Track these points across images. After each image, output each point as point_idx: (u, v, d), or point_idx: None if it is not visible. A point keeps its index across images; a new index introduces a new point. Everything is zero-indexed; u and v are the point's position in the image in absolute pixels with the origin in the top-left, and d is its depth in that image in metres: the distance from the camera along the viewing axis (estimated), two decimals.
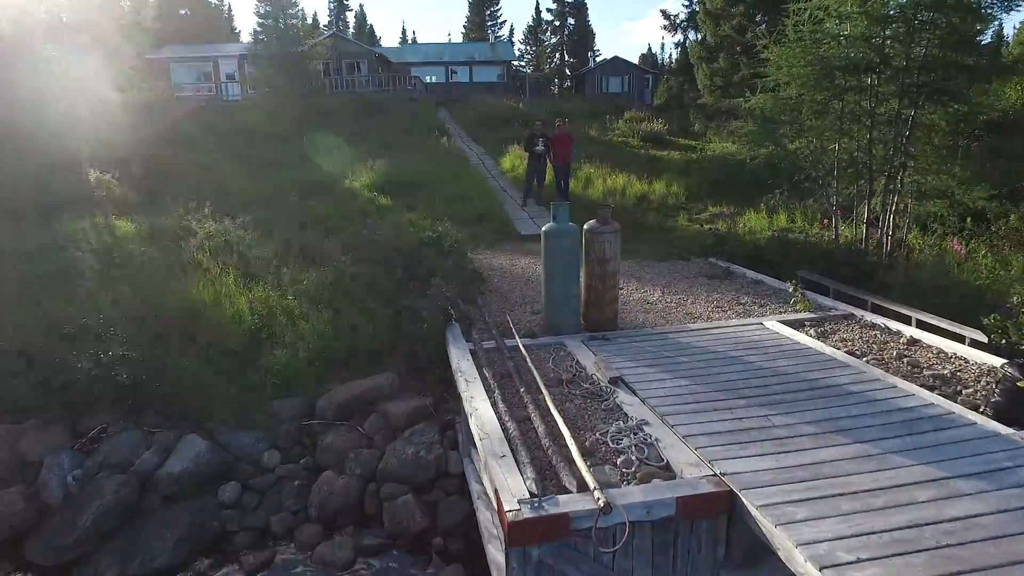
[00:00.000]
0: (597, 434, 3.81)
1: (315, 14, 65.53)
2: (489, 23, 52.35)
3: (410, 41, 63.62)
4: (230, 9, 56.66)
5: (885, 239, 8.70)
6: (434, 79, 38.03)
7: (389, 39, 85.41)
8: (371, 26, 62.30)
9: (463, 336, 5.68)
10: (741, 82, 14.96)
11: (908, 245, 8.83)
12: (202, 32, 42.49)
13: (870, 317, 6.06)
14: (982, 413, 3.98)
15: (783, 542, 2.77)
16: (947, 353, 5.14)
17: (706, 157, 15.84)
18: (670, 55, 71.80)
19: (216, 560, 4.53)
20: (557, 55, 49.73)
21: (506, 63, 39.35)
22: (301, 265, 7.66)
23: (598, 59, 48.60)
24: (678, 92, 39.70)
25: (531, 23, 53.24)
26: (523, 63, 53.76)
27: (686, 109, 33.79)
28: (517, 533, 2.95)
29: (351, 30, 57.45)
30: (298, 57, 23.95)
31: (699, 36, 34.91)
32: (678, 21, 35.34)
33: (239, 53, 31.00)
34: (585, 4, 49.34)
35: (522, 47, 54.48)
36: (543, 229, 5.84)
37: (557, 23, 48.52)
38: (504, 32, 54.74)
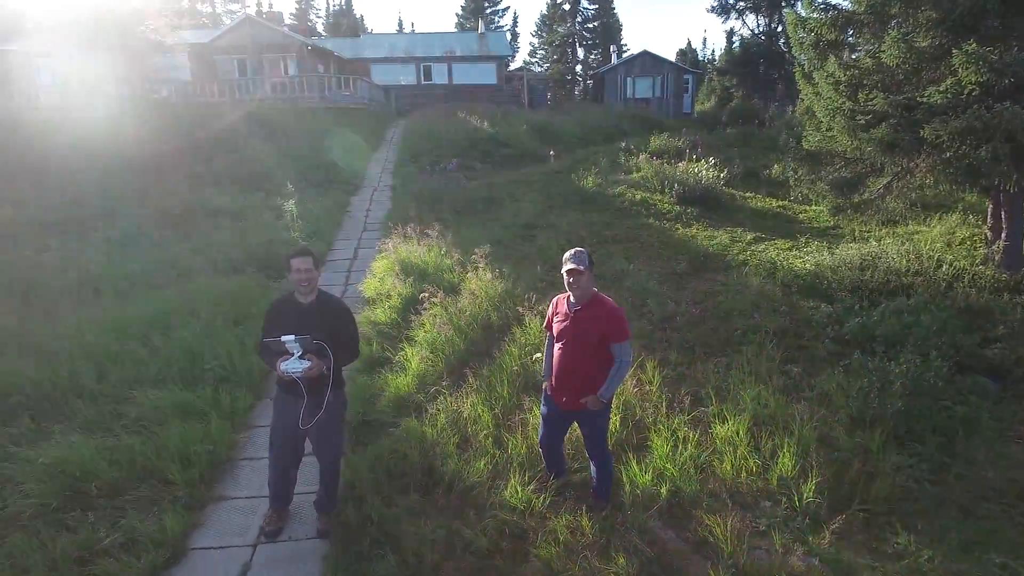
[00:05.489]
0: None
1: None
2: (488, 8, 42.79)
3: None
4: None
5: None
6: (403, 80, 29.26)
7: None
8: (360, 17, 53.62)
9: None
10: (946, 104, 5.66)
11: None
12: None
13: None
14: None
15: None
16: None
17: (851, 280, 6.57)
18: (713, 51, 61.41)
19: None
20: (570, 49, 39.88)
21: (500, 59, 30.24)
22: None
23: (624, 55, 38.94)
24: (725, 97, 30.36)
25: (544, 12, 43.94)
26: (535, 60, 44.55)
27: (736, 119, 24.58)
28: None
29: (326, 20, 48.74)
30: (136, 50, 15.31)
31: (764, 23, 25.36)
32: (731, 2, 25.74)
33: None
34: None
35: (534, 40, 45.22)
36: None
37: (567, 7, 38.49)
38: (506, 21, 45.44)
